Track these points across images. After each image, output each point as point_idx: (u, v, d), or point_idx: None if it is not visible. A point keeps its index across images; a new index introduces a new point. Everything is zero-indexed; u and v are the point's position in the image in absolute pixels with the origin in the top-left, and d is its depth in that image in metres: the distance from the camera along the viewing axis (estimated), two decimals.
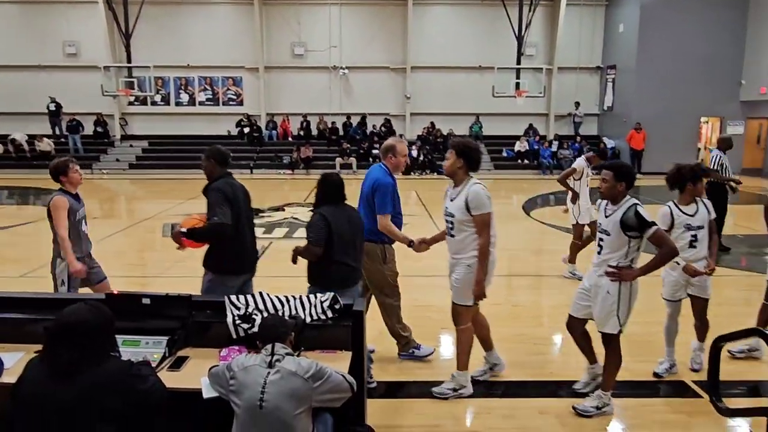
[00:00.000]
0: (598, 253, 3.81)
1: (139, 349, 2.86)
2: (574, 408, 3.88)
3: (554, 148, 20.79)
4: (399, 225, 4.55)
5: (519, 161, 21.09)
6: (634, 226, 3.58)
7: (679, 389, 4.30)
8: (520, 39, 19.77)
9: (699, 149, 21.36)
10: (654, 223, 3.61)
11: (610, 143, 21.07)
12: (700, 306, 4.48)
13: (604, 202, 3.82)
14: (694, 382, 4.35)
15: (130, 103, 22.12)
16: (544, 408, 3.98)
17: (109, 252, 4.56)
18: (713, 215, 4.44)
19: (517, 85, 19.58)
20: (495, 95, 19.46)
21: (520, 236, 10.06)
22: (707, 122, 21.31)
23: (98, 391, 2.23)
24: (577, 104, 21.89)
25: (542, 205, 14.08)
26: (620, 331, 3.76)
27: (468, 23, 21.65)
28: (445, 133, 21.46)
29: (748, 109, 20.01)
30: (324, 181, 3.84)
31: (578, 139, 21.16)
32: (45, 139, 20.09)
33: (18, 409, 2.29)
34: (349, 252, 3.76)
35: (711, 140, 21.41)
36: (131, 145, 21.62)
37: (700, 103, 19.69)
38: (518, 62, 19.79)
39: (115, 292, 3.15)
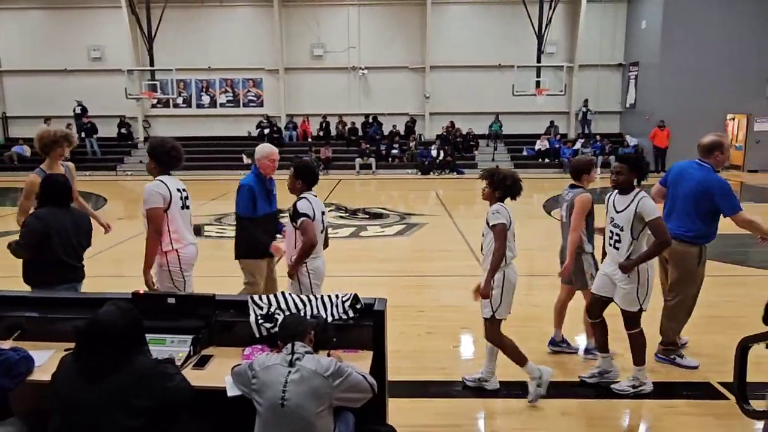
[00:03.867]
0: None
1: (165, 347, 2.90)
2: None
3: (577, 146, 20.56)
4: None
5: (540, 160, 20.91)
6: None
7: (706, 391, 4.23)
8: (540, 37, 19.60)
9: None
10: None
11: (632, 141, 20.78)
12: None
13: None
14: (720, 383, 4.28)
15: (153, 106, 22.49)
16: (566, 408, 3.96)
17: (134, 252, 4.67)
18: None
19: (538, 83, 19.42)
20: (515, 94, 19.33)
21: (540, 235, 9.96)
22: (734, 119, 20.88)
23: (126, 389, 2.33)
24: (586, 101, 21.63)
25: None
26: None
27: (487, 21, 21.54)
28: (464, 132, 21.38)
29: None
30: (46, 183, 3.84)
31: (598, 137, 20.92)
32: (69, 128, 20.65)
33: (55, 404, 2.41)
34: (69, 252, 3.80)
35: (738, 137, 20.99)
36: None
37: (726, 99, 19.25)
38: (538, 60, 19.63)
39: (141, 291, 3.21)
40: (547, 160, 20.78)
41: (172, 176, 4.15)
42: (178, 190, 4.11)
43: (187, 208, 4.21)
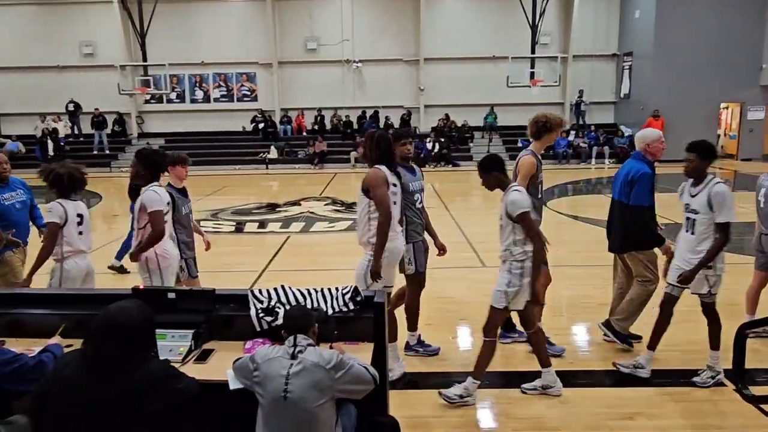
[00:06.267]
0: None
1: (166, 342, 2.91)
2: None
3: (571, 137, 20.56)
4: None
5: None
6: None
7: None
8: (534, 28, 19.55)
9: (719, 135, 21.00)
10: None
11: (627, 131, 20.81)
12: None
13: None
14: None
15: (147, 101, 22.36)
16: (564, 396, 3.98)
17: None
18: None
19: (532, 74, 19.37)
20: (509, 85, 19.28)
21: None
22: (727, 108, 20.94)
23: (141, 392, 2.18)
24: (581, 92, 21.61)
25: (559, 195, 13.97)
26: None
27: (480, 13, 21.47)
28: (459, 125, 21.35)
29: None
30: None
31: (592, 128, 20.94)
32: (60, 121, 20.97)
33: (49, 406, 2.21)
34: None
35: (731, 126, 21.07)
36: (148, 143, 21.85)
37: (720, 88, 19.30)
38: (533, 51, 19.59)
39: (141, 287, 3.20)
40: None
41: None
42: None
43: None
